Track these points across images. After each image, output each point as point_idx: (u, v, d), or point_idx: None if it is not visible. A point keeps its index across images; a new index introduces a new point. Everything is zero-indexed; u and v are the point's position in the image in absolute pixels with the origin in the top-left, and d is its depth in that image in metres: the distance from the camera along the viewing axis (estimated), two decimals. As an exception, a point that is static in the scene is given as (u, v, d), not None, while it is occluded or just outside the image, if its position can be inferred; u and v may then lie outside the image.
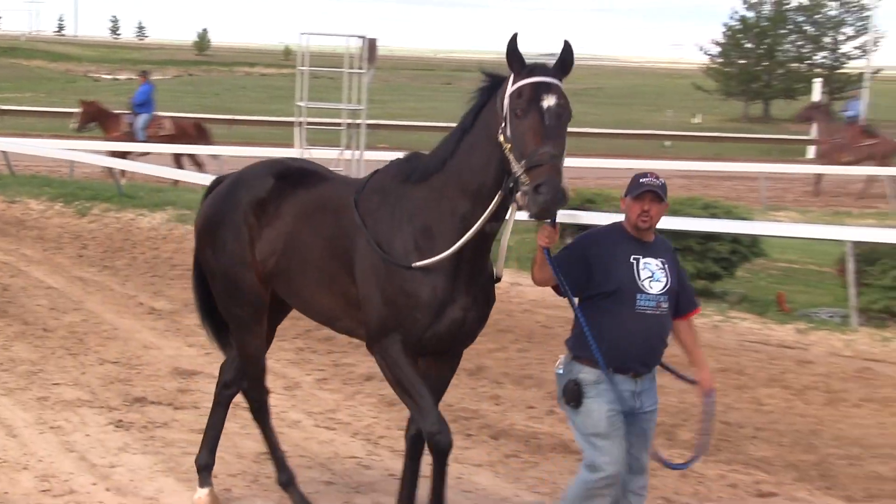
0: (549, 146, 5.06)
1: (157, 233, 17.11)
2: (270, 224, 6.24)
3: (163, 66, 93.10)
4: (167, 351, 10.46)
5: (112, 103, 40.82)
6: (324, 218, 6.07)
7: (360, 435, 8.19)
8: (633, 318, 5.48)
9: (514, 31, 5.39)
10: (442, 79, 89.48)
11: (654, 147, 38.39)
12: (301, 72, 19.04)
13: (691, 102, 61.84)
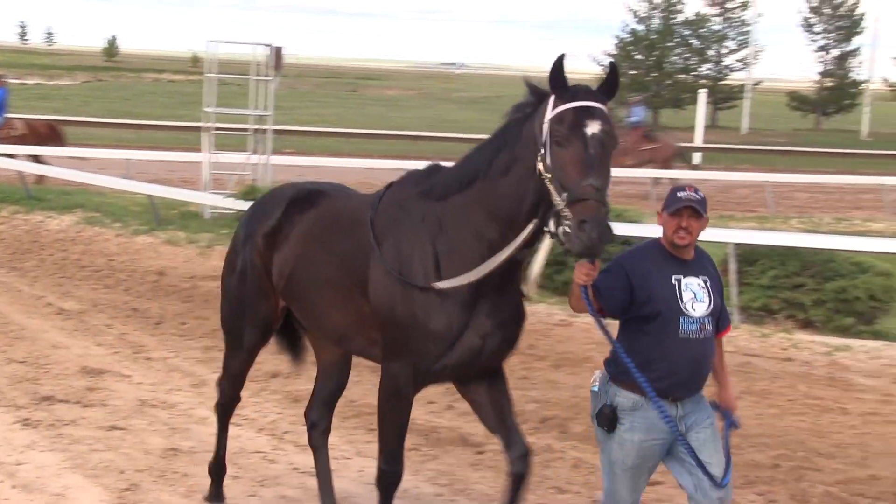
0: (592, 178, 4.71)
1: (66, 235, 17.11)
2: (281, 249, 6.18)
3: (72, 71, 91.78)
4: (75, 350, 10.57)
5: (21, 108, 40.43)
6: (336, 235, 5.90)
7: (265, 430, 8.41)
8: (676, 343, 5.13)
9: (561, 53, 4.99)
10: (347, 86, 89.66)
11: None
12: (209, 78, 19.21)
13: (584, 111, 63.15)
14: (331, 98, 71.88)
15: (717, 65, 67.58)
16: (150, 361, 10.34)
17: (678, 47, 67.03)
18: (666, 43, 65.74)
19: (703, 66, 67.53)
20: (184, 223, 17.82)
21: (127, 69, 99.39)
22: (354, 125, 42.53)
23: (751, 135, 57.41)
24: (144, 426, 8.31)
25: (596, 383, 5.37)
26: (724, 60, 67.79)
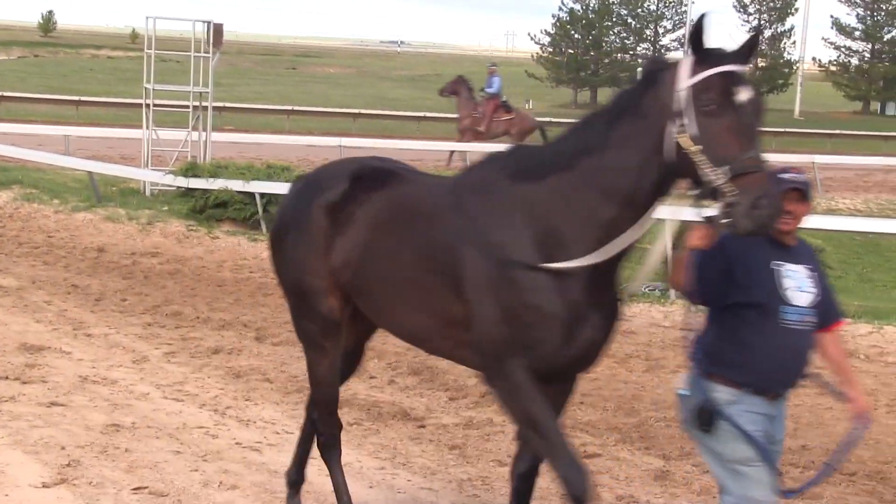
0: (753, 150, 4.33)
1: (3, 211, 16.94)
2: (344, 232, 5.49)
3: (7, 46, 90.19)
4: (14, 327, 10.50)
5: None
6: (412, 225, 5.26)
7: (207, 406, 8.44)
8: (776, 333, 4.72)
9: (703, 12, 4.60)
10: (286, 63, 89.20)
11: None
12: (148, 55, 19.07)
13: (524, 89, 63.41)
14: (271, 75, 71.45)
15: (654, 44, 68.31)
16: (91, 338, 10.31)
17: (616, 27, 67.70)
18: (604, 22, 66.30)
19: (641, 46, 68.22)
20: (124, 200, 17.71)
21: (64, 45, 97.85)
22: (294, 103, 42.42)
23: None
24: (85, 402, 8.30)
25: (684, 386, 4.90)
26: (661, 40, 68.55)
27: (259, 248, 15.14)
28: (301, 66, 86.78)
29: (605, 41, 66.47)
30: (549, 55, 66.57)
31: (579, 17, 66.19)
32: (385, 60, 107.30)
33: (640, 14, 67.93)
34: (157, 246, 15.23)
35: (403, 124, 38.61)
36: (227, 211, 16.16)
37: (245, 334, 10.77)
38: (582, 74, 65.19)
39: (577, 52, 65.36)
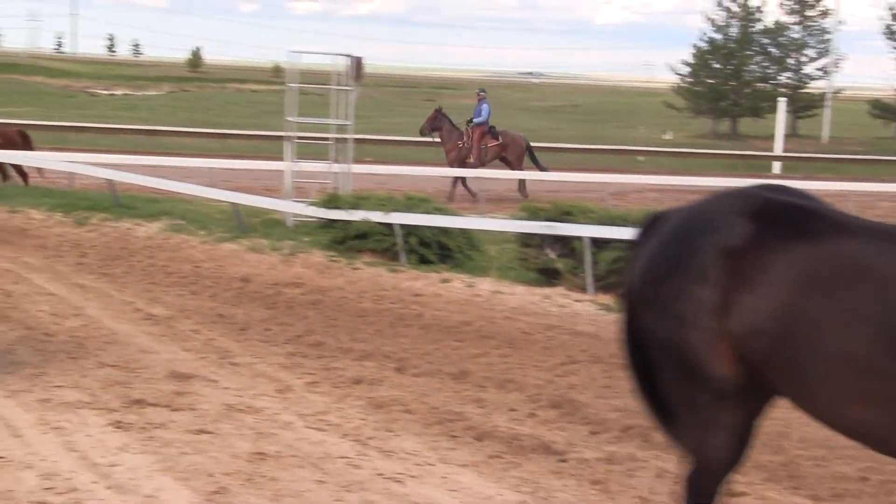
0: None
1: (153, 242, 17.45)
2: (753, 289, 4.55)
3: (157, 82, 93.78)
4: (163, 355, 10.79)
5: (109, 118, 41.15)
6: (861, 289, 4.31)
7: (349, 436, 8.51)
8: None
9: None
10: (424, 95, 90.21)
11: (627, 162, 39.01)
12: (290, 88, 19.51)
13: (662, 119, 62.99)
14: (409, 107, 72.23)
15: (796, 73, 66.75)
16: (236, 367, 10.52)
17: (757, 56, 66.38)
18: (744, 52, 65.13)
19: (783, 75, 66.76)
20: (267, 231, 18.08)
21: (210, 80, 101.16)
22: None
23: (831, 143, 56.68)
24: (231, 430, 8.46)
25: None
26: (803, 69, 66.92)
27: (399, 279, 15.28)
28: (438, 98, 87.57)
29: (745, 71, 65.27)
30: (688, 85, 65.70)
31: (720, 47, 65.19)
32: (521, 91, 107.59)
33: (782, 43, 66.49)
34: (300, 276, 15.48)
35: (540, 155, 38.49)
36: (368, 242, 16.34)
37: (386, 365, 10.84)
38: (721, 104, 64.06)
39: (716, 82, 64.37)
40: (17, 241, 17.06)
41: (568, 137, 44.05)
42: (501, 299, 14.44)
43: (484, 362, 11.12)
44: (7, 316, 11.87)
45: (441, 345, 11.87)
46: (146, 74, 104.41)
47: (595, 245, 14.55)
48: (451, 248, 16.24)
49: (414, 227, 16.03)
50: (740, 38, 65.20)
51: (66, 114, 46.44)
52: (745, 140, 57.94)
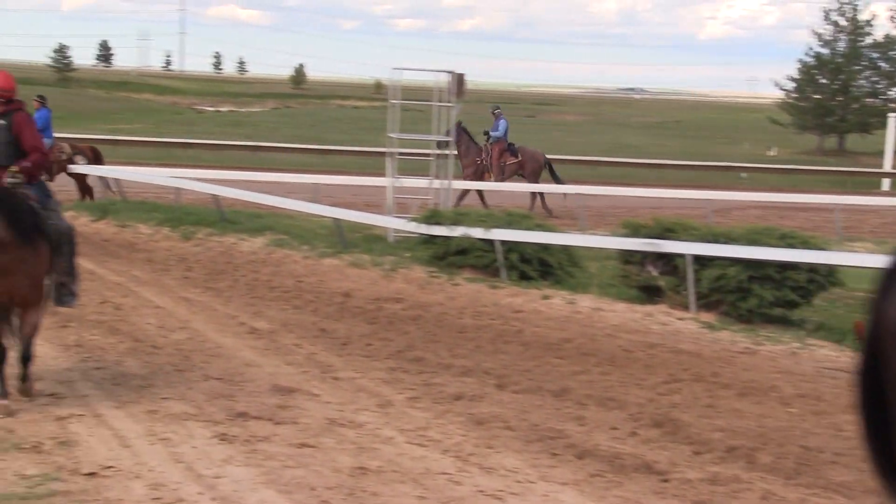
0: None
1: (257, 256, 17.72)
2: None
3: (262, 98, 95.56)
4: (267, 368, 10.94)
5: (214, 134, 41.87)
6: None
7: (450, 452, 8.52)
8: None
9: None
10: (524, 111, 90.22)
11: (731, 178, 38.44)
12: (392, 104, 19.67)
13: (766, 135, 61.97)
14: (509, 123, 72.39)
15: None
16: (338, 381, 10.61)
17: (866, 70, 65.00)
18: (853, 66, 63.85)
19: (892, 90, 65.21)
20: (368, 246, 18.23)
21: (313, 96, 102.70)
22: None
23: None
24: (333, 444, 8.54)
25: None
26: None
27: (499, 295, 15.28)
28: (539, 114, 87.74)
29: (853, 86, 63.95)
30: (793, 101, 64.60)
31: (827, 62, 64.01)
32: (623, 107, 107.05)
33: (892, 57, 65.01)
34: (400, 292, 15.57)
35: (641, 171, 38.36)
36: (468, 258, 16.38)
37: (486, 381, 10.84)
38: (828, 120, 62.90)
39: (823, 98, 63.19)
40: (127, 254, 17.45)
41: (670, 154, 43.72)
42: (602, 316, 14.36)
43: (584, 380, 11.06)
44: (116, 328, 12.13)
45: (541, 361, 11.83)
46: (251, 91, 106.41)
47: (697, 262, 14.38)
48: (552, 265, 16.20)
49: (514, 244, 16.03)
50: (849, 52, 63.95)
51: (173, 130, 47.50)
52: (852, 156, 56.80)
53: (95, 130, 41.63)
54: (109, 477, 7.52)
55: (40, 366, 9.88)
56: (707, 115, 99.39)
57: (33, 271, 8.96)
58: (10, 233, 8.64)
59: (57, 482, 7.39)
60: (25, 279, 8.88)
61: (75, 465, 7.70)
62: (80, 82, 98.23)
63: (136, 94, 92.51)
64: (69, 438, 8.27)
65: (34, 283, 9.02)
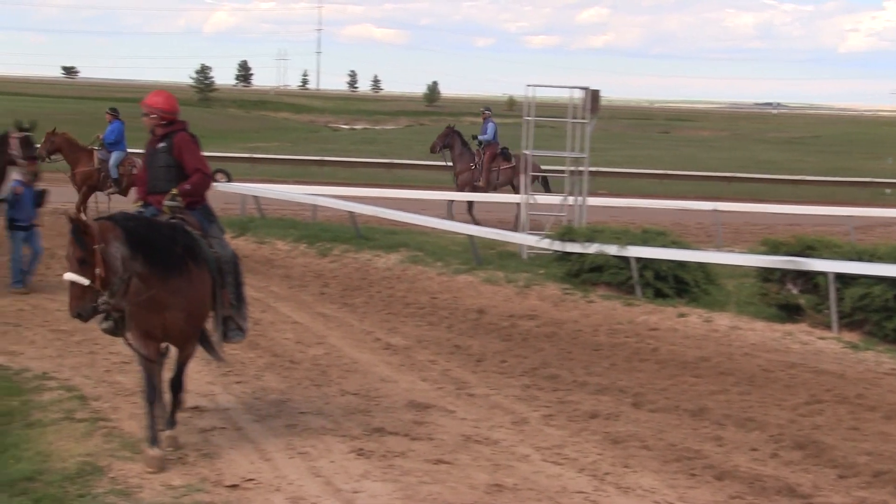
0: None
1: (392, 273, 17.87)
2: None
3: (395, 116, 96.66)
4: (402, 384, 11.02)
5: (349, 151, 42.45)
6: None
7: (586, 471, 8.46)
8: None
9: None
10: (658, 127, 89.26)
11: (873, 194, 37.20)
12: (527, 121, 19.67)
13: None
14: (643, 139, 71.76)
15: None
16: (473, 398, 10.63)
17: None
18: None
19: None
20: (502, 263, 18.23)
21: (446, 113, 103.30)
22: (666, 166, 42.19)
23: None
24: (469, 461, 8.55)
25: None
26: None
27: (634, 312, 15.13)
28: (673, 130, 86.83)
29: None
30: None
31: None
32: (760, 123, 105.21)
33: None
34: (534, 309, 15.53)
35: (778, 188, 37.53)
36: (603, 275, 16.25)
37: (622, 399, 10.74)
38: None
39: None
40: (265, 270, 17.78)
41: (809, 169, 42.71)
42: (740, 335, 14.08)
43: (723, 399, 10.86)
44: (256, 343, 12.36)
45: (678, 380, 11.67)
46: (385, 109, 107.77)
47: (840, 281, 14.01)
48: (688, 282, 15.96)
49: (650, 261, 15.84)
50: None
51: (309, 148, 48.26)
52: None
53: (234, 149, 42.60)
54: (251, 489, 7.68)
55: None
56: (847, 130, 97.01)
57: (187, 304, 8.21)
58: (152, 266, 7.95)
59: (201, 493, 7.57)
60: (179, 313, 8.18)
61: (218, 476, 7.87)
62: (220, 102, 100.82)
63: (274, 113, 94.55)
64: (212, 451, 8.46)
65: (190, 316, 8.28)
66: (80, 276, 7.53)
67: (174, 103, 9.07)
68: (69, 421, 9.04)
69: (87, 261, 7.55)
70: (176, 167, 8.78)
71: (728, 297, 15.75)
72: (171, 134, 8.86)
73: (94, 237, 7.60)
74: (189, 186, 8.74)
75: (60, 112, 64.86)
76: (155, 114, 8.90)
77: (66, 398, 9.74)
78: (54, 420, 9.05)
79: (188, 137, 8.93)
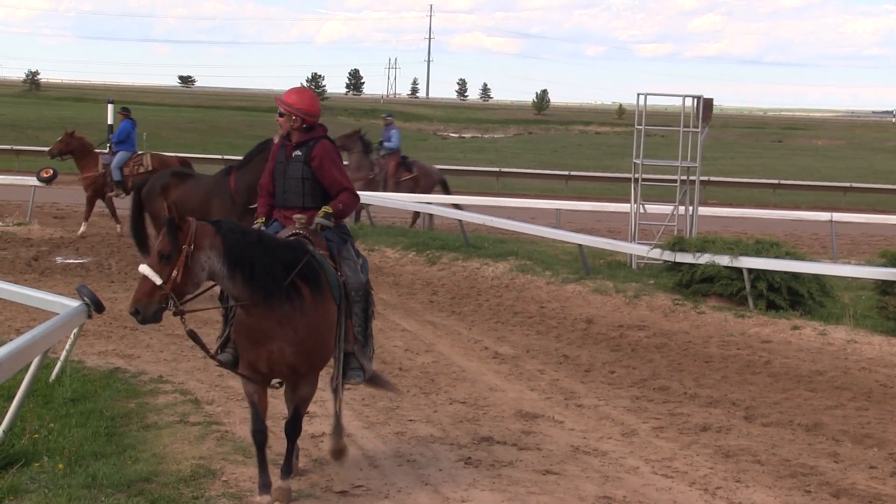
0: None
1: (500, 281, 17.87)
2: None
3: (504, 124, 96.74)
4: (510, 394, 11.00)
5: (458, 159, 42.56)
6: None
7: (696, 485, 8.34)
8: None
9: None
10: (772, 136, 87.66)
11: None
12: (638, 130, 19.51)
13: None
14: (756, 148, 70.62)
15: None
16: (581, 408, 10.56)
17: None
18: None
19: None
20: (611, 272, 18.10)
21: (555, 122, 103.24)
22: (781, 176, 41.44)
23: None
24: (577, 472, 8.49)
25: None
26: None
27: (746, 324, 14.88)
28: (787, 139, 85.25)
29: None
30: None
31: None
32: (878, 131, 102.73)
33: None
34: (644, 319, 15.38)
35: (888, 197, 36.60)
36: (714, 286, 16.01)
37: (734, 413, 10.57)
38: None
39: None
40: (374, 278, 17.75)
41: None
42: (857, 349, 13.75)
43: (839, 415, 10.62)
44: (365, 350, 12.44)
45: (791, 394, 11.44)
46: (494, 117, 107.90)
47: (963, 294, 13.62)
48: (802, 294, 15.64)
49: (763, 272, 15.57)
50: None
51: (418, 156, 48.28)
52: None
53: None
54: (359, 496, 7.72)
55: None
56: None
57: (298, 337, 7.15)
58: (254, 290, 6.98)
59: (311, 499, 7.64)
60: (287, 346, 7.14)
61: (328, 482, 7.94)
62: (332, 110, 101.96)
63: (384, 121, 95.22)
64: (321, 456, 8.54)
65: (301, 351, 7.21)
66: (154, 272, 6.78)
67: (317, 104, 8.01)
68: (183, 424, 9.21)
69: (170, 259, 6.79)
70: (312, 180, 7.77)
71: (844, 310, 15.39)
72: (310, 141, 7.80)
73: (186, 236, 6.84)
74: (341, 206, 7.80)
75: (179, 120, 66.46)
76: (295, 115, 7.80)
77: (180, 402, 9.93)
78: (169, 423, 9.23)
79: (331, 147, 7.88)
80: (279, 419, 8.27)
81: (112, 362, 11.42)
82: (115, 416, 9.26)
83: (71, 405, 9.41)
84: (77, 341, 10.54)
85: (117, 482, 7.52)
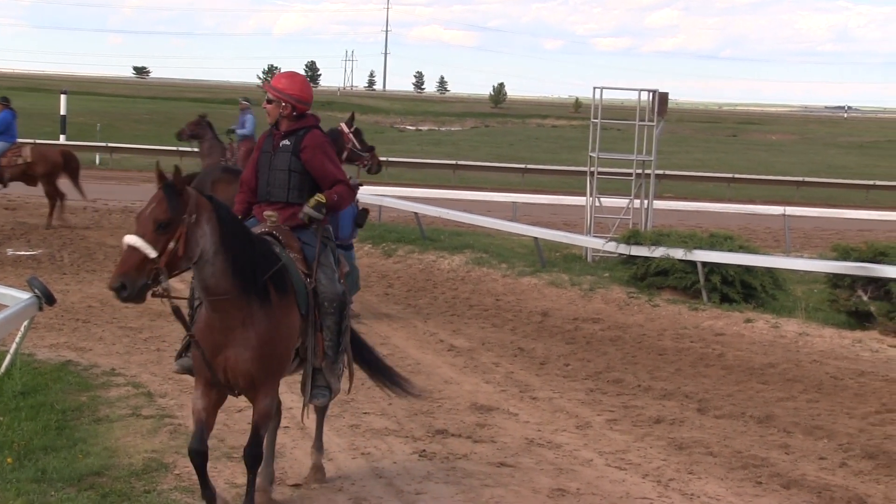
0: None
1: (456, 274, 17.88)
2: None
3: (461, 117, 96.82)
4: (465, 386, 11.00)
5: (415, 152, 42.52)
6: None
7: (650, 476, 8.38)
8: None
9: None
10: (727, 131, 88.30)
11: None
12: (594, 123, 19.58)
13: None
14: (711, 143, 71.08)
15: None
16: (536, 401, 10.58)
17: None
18: None
19: None
20: (567, 266, 18.16)
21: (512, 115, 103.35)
22: (735, 170, 41.78)
23: None
24: (532, 465, 8.51)
25: None
26: None
27: (700, 317, 14.98)
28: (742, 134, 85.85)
29: None
30: None
31: None
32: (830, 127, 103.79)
33: None
34: (599, 312, 15.45)
35: (850, 193, 36.98)
36: (668, 279, 16.12)
37: (687, 405, 10.64)
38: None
39: None
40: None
41: (882, 174, 42.02)
42: (808, 342, 13.90)
43: (790, 407, 10.72)
44: (320, 343, 12.40)
45: (744, 386, 11.54)
46: (451, 110, 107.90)
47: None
48: (755, 287, 15.78)
49: (716, 265, 15.69)
50: None
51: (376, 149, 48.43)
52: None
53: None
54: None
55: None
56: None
57: (259, 339, 6.44)
58: (233, 279, 6.29)
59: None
60: (246, 352, 6.43)
61: (281, 475, 7.90)
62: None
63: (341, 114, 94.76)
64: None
65: (261, 356, 6.47)
66: (147, 243, 5.91)
67: (309, 90, 7.31)
68: (136, 417, 9.14)
69: (167, 229, 5.95)
70: (300, 173, 7.11)
71: (796, 304, 15.54)
72: (299, 130, 7.15)
73: (187, 205, 6.06)
74: (336, 198, 7.14)
75: (135, 112, 65.82)
76: (285, 101, 7.14)
77: (133, 395, 9.85)
78: (121, 416, 9.15)
79: (323, 138, 7.25)
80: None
81: (63, 355, 11.29)
82: (67, 410, 9.16)
83: (21, 398, 9.30)
84: (28, 334, 10.43)
85: (68, 476, 7.44)
